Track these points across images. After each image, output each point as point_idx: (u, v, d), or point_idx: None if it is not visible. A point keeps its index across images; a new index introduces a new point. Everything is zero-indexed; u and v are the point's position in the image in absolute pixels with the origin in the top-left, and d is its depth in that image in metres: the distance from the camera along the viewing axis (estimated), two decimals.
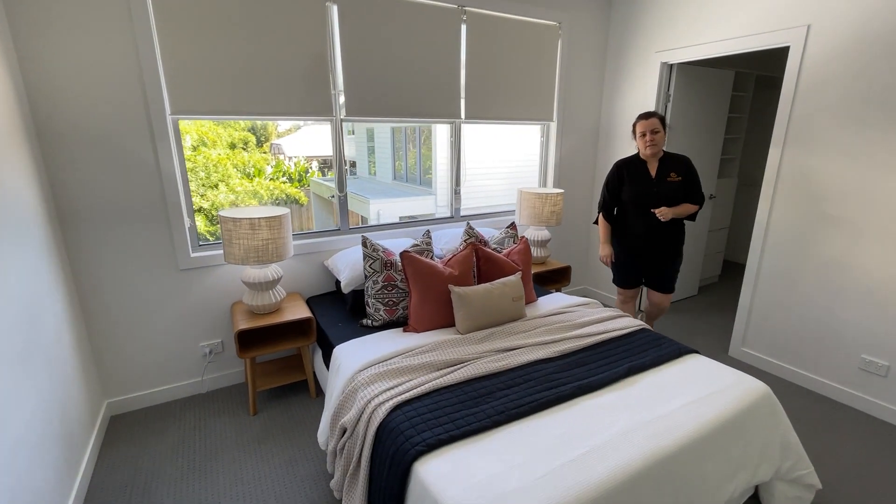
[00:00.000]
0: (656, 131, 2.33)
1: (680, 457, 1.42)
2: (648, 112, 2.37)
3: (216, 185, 8.14)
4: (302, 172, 10.84)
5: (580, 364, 1.87)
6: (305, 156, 11.45)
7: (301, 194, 10.00)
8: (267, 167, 10.08)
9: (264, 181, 9.31)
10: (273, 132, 11.32)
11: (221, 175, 8.38)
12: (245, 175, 9.18)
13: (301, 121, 2.69)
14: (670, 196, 2.38)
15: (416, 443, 1.39)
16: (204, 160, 8.05)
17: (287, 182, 10.31)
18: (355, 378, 1.78)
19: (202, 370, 2.51)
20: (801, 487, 1.72)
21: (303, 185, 10.61)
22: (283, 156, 11.53)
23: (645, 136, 2.35)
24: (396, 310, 2.27)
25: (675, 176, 2.38)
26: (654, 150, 2.36)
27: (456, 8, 2.78)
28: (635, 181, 2.44)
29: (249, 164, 9.50)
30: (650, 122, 2.34)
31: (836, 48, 2.26)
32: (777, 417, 1.71)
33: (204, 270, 2.41)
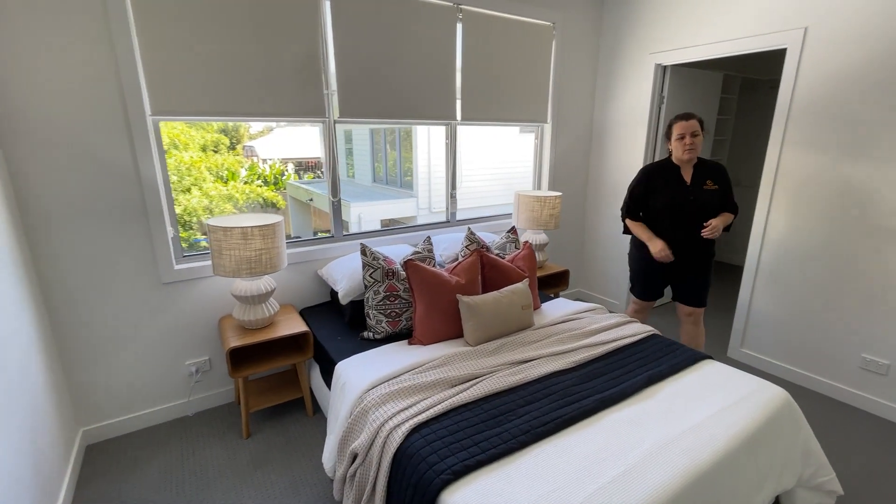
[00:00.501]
0: (696, 134, 2.13)
1: (714, 472, 1.37)
2: (687, 113, 2.16)
3: (189, 190, 7.81)
4: (277, 175, 10.53)
5: (598, 375, 1.81)
6: (280, 158, 11.14)
7: (279, 198, 9.72)
8: (241, 170, 9.75)
9: (239, 185, 8.99)
10: (245, 134, 10.96)
11: (194, 179, 8.05)
12: (219, 178, 8.84)
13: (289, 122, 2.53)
14: (707, 205, 2.19)
15: (440, 470, 1.29)
16: (176, 163, 7.71)
17: (262, 185, 10.00)
18: (364, 398, 1.66)
19: (188, 391, 2.33)
20: (822, 494, 1.70)
21: (279, 189, 10.31)
22: (257, 158, 11.18)
23: (683, 140, 2.14)
24: (400, 321, 2.16)
25: (712, 184, 2.20)
26: (692, 155, 2.16)
27: (452, 6, 2.69)
28: (668, 188, 2.23)
29: (223, 168, 9.17)
30: (690, 123, 2.13)
31: (833, 50, 2.28)
32: (798, 424, 1.68)
33: (189, 283, 2.23)
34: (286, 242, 2.51)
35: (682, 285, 2.38)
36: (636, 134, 3.29)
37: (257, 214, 2.22)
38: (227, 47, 2.09)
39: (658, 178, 2.27)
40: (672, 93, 3.21)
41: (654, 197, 2.28)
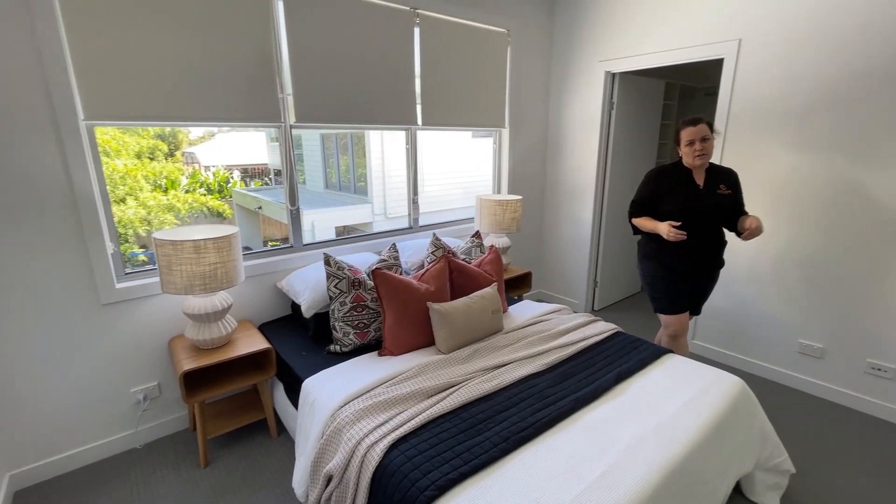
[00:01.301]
0: (706, 139, 2.03)
1: (688, 462, 1.42)
2: (695, 118, 2.05)
3: (123, 200, 7.24)
4: (222, 183, 10.00)
5: (570, 375, 1.83)
6: (224, 165, 10.59)
7: (225, 206, 9.23)
8: (182, 178, 9.18)
9: (180, 193, 8.46)
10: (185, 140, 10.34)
11: (129, 188, 7.49)
12: (157, 187, 8.28)
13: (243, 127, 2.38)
14: (721, 210, 2.10)
15: (424, 487, 1.25)
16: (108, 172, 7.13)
17: (206, 194, 9.47)
18: (336, 416, 1.59)
19: (136, 421, 2.13)
20: (778, 474, 1.82)
21: (224, 197, 9.79)
22: (199, 165, 10.57)
23: (693, 145, 2.04)
24: (368, 332, 2.09)
25: (724, 189, 2.11)
26: (704, 161, 2.06)
27: (409, 10, 2.66)
28: (680, 192, 2.12)
29: (161, 176, 8.60)
30: (699, 128, 2.03)
31: (765, 59, 2.47)
32: (754, 410, 1.79)
33: (133, 303, 2.04)
34: (244, 254, 2.37)
35: (695, 295, 2.29)
36: (589, 138, 3.41)
37: (208, 226, 2.07)
38: (171, 46, 1.94)
39: (668, 182, 2.15)
40: (621, 99, 3.36)
41: (664, 200, 2.15)
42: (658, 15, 2.87)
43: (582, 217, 3.58)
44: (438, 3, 2.78)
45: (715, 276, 2.27)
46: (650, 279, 2.27)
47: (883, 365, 2.30)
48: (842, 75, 2.23)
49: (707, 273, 2.23)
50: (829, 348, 2.47)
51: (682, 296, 2.23)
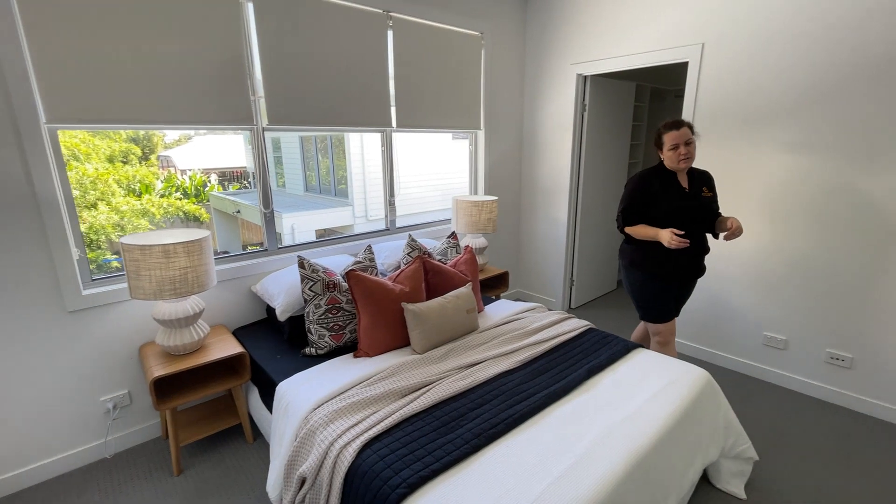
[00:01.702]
0: (689, 142, 2.01)
1: (653, 453, 1.46)
2: (678, 121, 2.03)
3: (95, 205, 7.05)
4: (199, 187, 9.81)
5: (543, 371, 1.87)
6: (201, 168, 10.40)
7: (202, 211, 9.06)
8: (157, 182, 8.98)
9: (154, 198, 8.28)
10: (160, 143, 10.11)
11: (101, 192, 7.29)
12: (131, 192, 8.08)
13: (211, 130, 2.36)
14: (707, 212, 2.09)
15: (395, 485, 1.26)
16: (78, 176, 6.94)
17: (182, 198, 9.28)
18: (310, 418, 1.59)
19: (105, 430, 2.09)
20: (742, 461, 1.89)
21: (201, 201, 9.61)
22: (175, 169, 10.35)
23: (678, 149, 2.01)
24: (343, 334, 2.09)
25: (707, 191, 2.12)
26: (688, 164, 2.04)
27: (381, 13, 2.68)
28: (669, 194, 2.08)
29: (135, 180, 8.40)
30: (683, 132, 2.00)
31: (727, 63, 2.57)
32: (718, 400, 1.85)
33: (101, 310, 2.00)
34: (217, 258, 2.35)
35: (681, 299, 2.27)
36: (563, 139, 3.47)
37: (180, 230, 2.04)
38: (138, 48, 1.91)
39: (656, 185, 2.09)
40: (593, 101, 3.43)
41: (654, 204, 2.09)
42: (626, 19, 2.95)
43: (557, 217, 3.64)
44: (411, 7, 2.80)
45: (700, 273, 2.23)
46: (638, 288, 2.21)
47: (841, 354, 2.40)
48: (804, 77, 2.33)
49: (693, 276, 2.20)
50: (791, 340, 2.57)
51: (671, 302, 2.21)
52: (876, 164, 2.18)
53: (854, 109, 2.20)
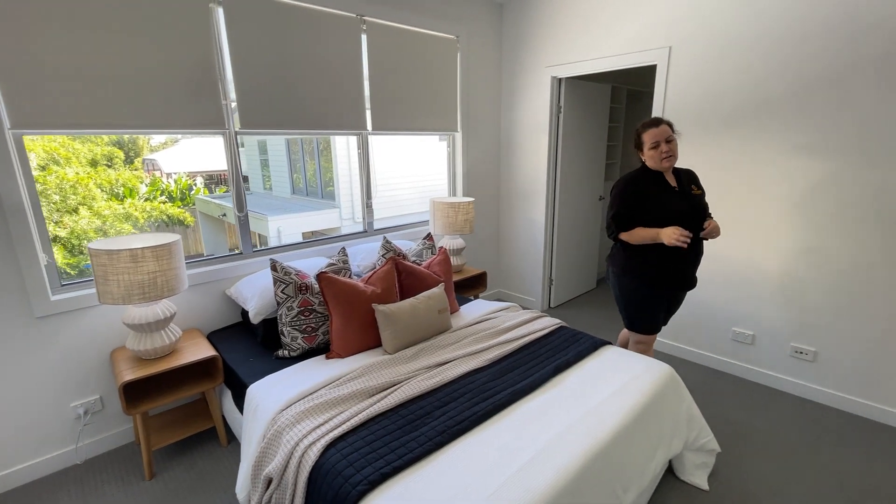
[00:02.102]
0: (671, 140, 1.93)
1: (612, 447, 1.50)
2: (656, 119, 1.97)
3: (76, 210, 6.95)
4: (185, 190, 9.72)
5: (511, 369, 1.91)
6: (187, 171, 10.31)
7: (186, 215, 8.98)
8: (140, 185, 8.89)
9: (138, 202, 8.19)
10: (145, 146, 10.00)
11: (82, 197, 7.19)
12: (113, 196, 7.98)
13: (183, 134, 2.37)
14: (700, 211, 1.99)
15: (356, 482, 1.29)
16: (58, 181, 6.84)
17: (167, 202, 9.19)
18: (277, 419, 1.61)
19: (77, 436, 2.08)
20: (705, 454, 1.94)
21: (187, 205, 9.52)
22: (160, 172, 10.24)
23: (659, 147, 1.93)
24: (316, 336, 2.11)
25: (696, 189, 2.04)
26: (671, 163, 1.95)
27: (355, 17, 2.70)
28: (661, 196, 1.98)
29: (118, 184, 8.30)
30: (662, 129, 1.93)
31: (694, 67, 2.63)
32: (681, 394, 1.90)
33: (71, 315, 2.00)
34: (192, 262, 2.35)
35: (672, 308, 2.18)
36: (539, 142, 3.52)
37: (151, 234, 2.05)
38: (106, 52, 1.92)
39: (646, 186, 2.00)
40: (567, 103, 3.48)
41: (645, 206, 1.98)
42: (597, 24, 3.01)
43: (535, 218, 3.69)
44: (385, 11, 2.83)
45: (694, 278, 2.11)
46: (629, 296, 2.10)
47: (804, 348, 2.47)
48: (768, 78, 2.40)
49: (685, 286, 2.09)
50: (758, 335, 2.64)
51: (661, 313, 2.12)
52: (836, 162, 2.25)
53: (817, 109, 2.27)
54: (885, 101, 2.08)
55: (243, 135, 2.40)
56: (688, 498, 1.85)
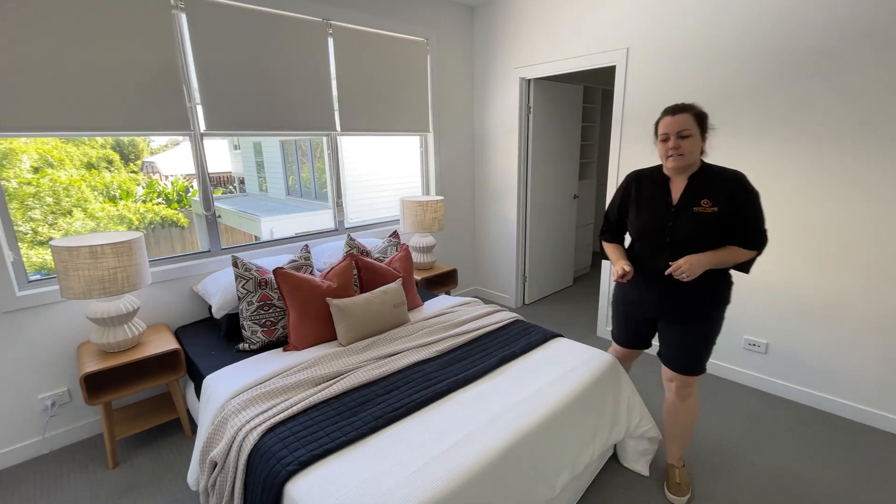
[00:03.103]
0: (685, 135, 1.52)
1: (541, 432, 1.57)
2: (678, 105, 1.55)
3: (70, 212, 7.07)
4: (181, 192, 9.83)
5: (459, 360, 1.97)
6: (185, 174, 10.42)
7: (181, 216, 9.08)
8: (137, 188, 9.00)
9: (132, 203, 8.30)
10: (145, 149, 10.12)
11: (76, 200, 7.31)
12: (109, 198, 8.10)
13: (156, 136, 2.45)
14: (692, 235, 1.56)
15: (287, 463, 1.36)
16: (51, 183, 6.96)
17: (164, 203, 9.30)
18: (226, 406, 1.68)
19: (44, 427, 2.16)
20: (646, 441, 2.00)
21: (183, 207, 9.62)
22: (158, 175, 10.36)
23: (667, 142, 1.55)
24: (276, 329, 2.19)
25: (709, 205, 1.54)
26: (678, 164, 1.55)
27: (321, 21, 2.78)
28: (647, 206, 1.67)
29: (114, 186, 8.42)
30: (677, 119, 1.52)
31: (650, 68, 2.70)
32: (622, 383, 1.97)
33: (37, 310, 2.08)
34: (159, 260, 2.43)
35: (665, 336, 1.75)
36: (509, 141, 3.60)
37: (114, 232, 2.13)
38: (70, 57, 2.00)
39: (641, 191, 1.71)
40: (537, 103, 3.55)
41: (632, 215, 1.73)
42: (561, 27, 3.08)
43: (507, 216, 3.76)
44: (352, 15, 2.91)
45: (694, 319, 1.65)
46: (613, 300, 1.96)
47: (757, 341, 2.53)
48: (722, 76, 2.47)
49: (682, 314, 1.67)
50: None
51: (634, 332, 1.87)
52: (785, 157, 2.31)
53: (767, 106, 2.33)
54: (834, 95, 2.14)
55: (209, 136, 2.48)
56: (628, 483, 1.92)
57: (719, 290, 1.64)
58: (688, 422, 1.82)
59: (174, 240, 8.32)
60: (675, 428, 1.85)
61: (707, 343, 1.69)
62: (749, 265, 1.60)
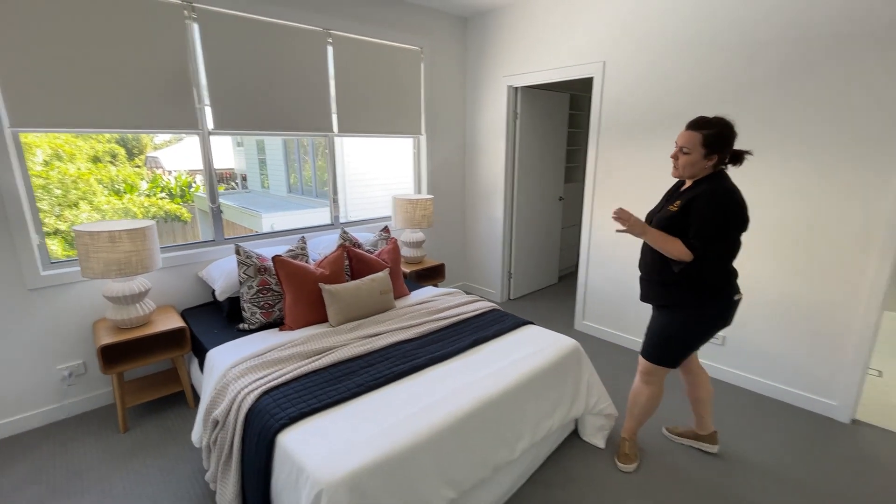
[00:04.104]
0: (685, 152, 1.73)
1: (503, 401, 1.79)
2: (696, 120, 1.73)
3: (76, 204, 7.30)
4: (184, 187, 10.06)
5: (436, 341, 2.20)
6: (188, 169, 10.64)
7: (183, 211, 9.31)
8: (141, 182, 9.22)
9: (137, 197, 8.52)
10: (148, 144, 10.35)
11: (82, 192, 7.54)
12: (114, 192, 8.32)
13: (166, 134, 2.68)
14: (660, 227, 1.79)
15: (279, 418, 1.58)
16: (59, 176, 7.18)
17: (167, 198, 9.52)
18: (227, 374, 1.90)
19: (62, 394, 2.38)
20: (603, 417, 2.22)
21: (186, 202, 9.85)
22: (162, 170, 10.59)
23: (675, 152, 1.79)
24: (273, 311, 2.41)
25: (676, 206, 1.77)
26: (673, 173, 1.82)
27: (321, 31, 3.01)
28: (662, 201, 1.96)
29: (119, 180, 8.64)
30: (684, 135, 1.73)
31: (625, 80, 2.93)
32: (583, 365, 2.19)
33: (58, 289, 2.31)
34: (170, 247, 2.66)
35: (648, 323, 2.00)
36: (497, 145, 3.82)
37: (129, 220, 2.36)
38: (92, 60, 2.23)
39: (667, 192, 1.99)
40: (524, 109, 3.78)
41: None
42: (545, 39, 3.31)
43: (495, 216, 3.99)
44: (350, 24, 3.14)
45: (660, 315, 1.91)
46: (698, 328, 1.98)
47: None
48: (690, 94, 2.70)
49: (653, 305, 1.95)
50: None
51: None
52: None
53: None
54: (784, 107, 2.37)
55: (216, 135, 2.71)
56: (584, 454, 2.14)
57: (679, 292, 1.80)
58: (645, 403, 2.03)
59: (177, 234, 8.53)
60: (635, 407, 2.07)
61: (661, 334, 1.89)
62: (675, 265, 1.74)
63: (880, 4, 2.03)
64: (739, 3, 2.40)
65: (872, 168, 2.14)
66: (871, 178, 2.15)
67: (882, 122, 2.09)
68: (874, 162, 2.14)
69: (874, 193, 2.15)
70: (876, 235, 2.17)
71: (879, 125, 2.10)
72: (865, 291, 2.23)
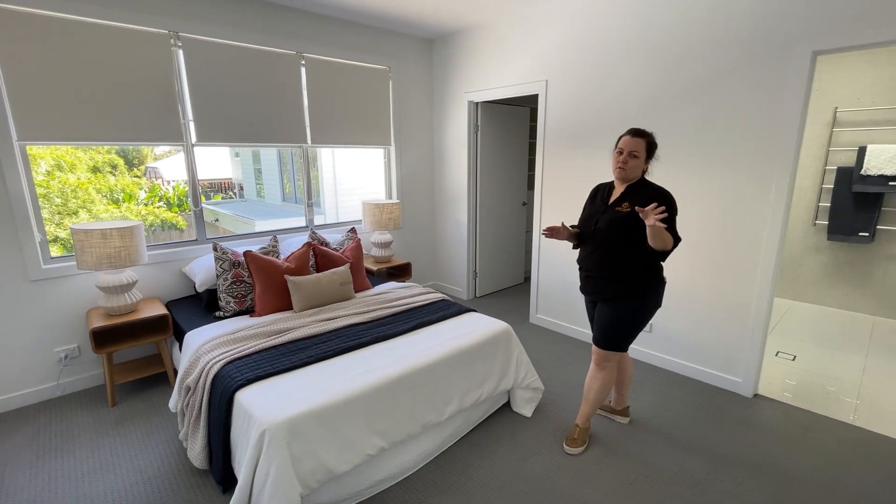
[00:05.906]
0: (634, 155, 1.93)
1: (431, 370, 2.11)
2: (639, 130, 1.96)
3: (76, 213, 7.65)
4: (182, 197, 10.42)
5: (385, 325, 2.52)
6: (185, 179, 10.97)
7: (180, 219, 9.66)
8: (140, 192, 9.57)
9: (135, 207, 8.87)
10: (149, 155, 10.73)
11: (82, 201, 7.90)
12: (112, 201, 8.68)
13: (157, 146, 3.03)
14: (612, 227, 1.97)
15: (238, 380, 1.91)
16: (60, 185, 7.54)
17: (164, 207, 9.87)
18: (200, 350, 2.23)
19: (58, 374, 2.70)
20: (531, 391, 2.54)
21: (183, 211, 10.21)
22: (161, 180, 10.96)
23: (621, 155, 1.96)
24: (245, 301, 2.74)
25: (626, 207, 1.94)
26: (619, 175, 1.99)
27: (295, 54, 3.39)
28: (591, 205, 2.14)
29: (118, 189, 9.00)
30: (634, 141, 1.94)
31: (563, 96, 3.29)
32: (513, 344, 2.51)
33: (57, 280, 2.64)
34: (156, 245, 3.00)
35: (596, 314, 2.16)
36: (461, 155, 4.18)
37: (119, 220, 2.70)
38: (90, 81, 2.59)
39: (595, 195, 2.16)
40: (484, 123, 4.15)
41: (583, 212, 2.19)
42: (498, 59, 3.69)
43: (460, 220, 4.33)
44: (322, 48, 3.51)
45: (610, 307, 2.06)
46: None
47: None
48: (620, 108, 3.06)
49: (600, 299, 2.11)
50: None
51: (590, 315, 2.25)
52: (671, 163, 2.89)
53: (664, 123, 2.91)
54: (691, 118, 2.73)
55: (199, 146, 3.06)
56: (512, 422, 2.45)
57: (632, 284, 2.00)
58: (600, 388, 2.19)
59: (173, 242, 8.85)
60: (590, 392, 2.23)
61: (617, 323, 2.05)
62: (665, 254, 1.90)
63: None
64: (655, 32, 2.78)
65: (754, 180, 2.50)
66: (754, 188, 2.50)
67: (759, 137, 2.45)
68: (754, 174, 2.49)
69: (757, 201, 2.50)
70: (762, 235, 2.51)
71: (758, 140, 2.45)
72: (757, 282, 2.56)
